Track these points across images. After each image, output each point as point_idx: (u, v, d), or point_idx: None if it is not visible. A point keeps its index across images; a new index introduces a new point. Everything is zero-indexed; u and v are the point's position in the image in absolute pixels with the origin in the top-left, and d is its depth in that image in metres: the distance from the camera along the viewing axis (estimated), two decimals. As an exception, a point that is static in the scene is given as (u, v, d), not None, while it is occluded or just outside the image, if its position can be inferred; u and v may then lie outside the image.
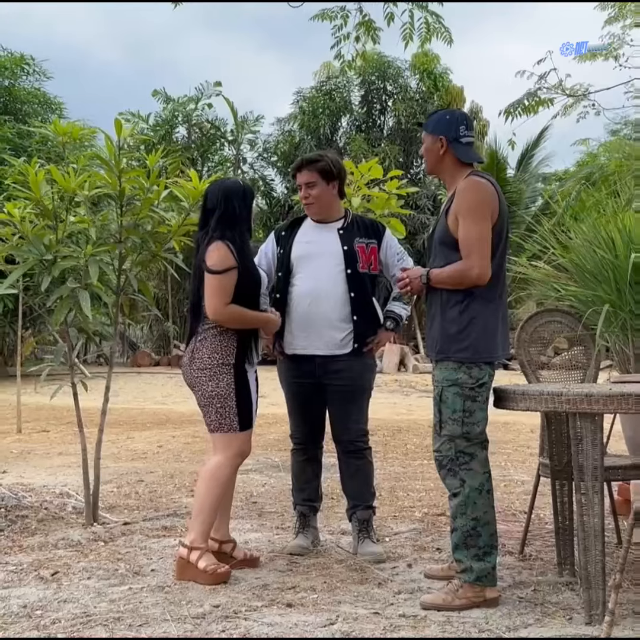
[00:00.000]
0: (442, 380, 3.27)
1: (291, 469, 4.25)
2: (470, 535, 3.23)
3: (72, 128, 4.58)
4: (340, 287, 3.98)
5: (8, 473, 6.39)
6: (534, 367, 4.05)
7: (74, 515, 4.83)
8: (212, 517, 3.65)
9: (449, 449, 3.26)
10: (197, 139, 27.29)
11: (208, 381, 3.64)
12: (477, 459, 3.26)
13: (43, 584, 3.52)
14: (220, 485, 3.63)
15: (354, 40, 5.42)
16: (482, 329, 3.24)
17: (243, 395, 3.65)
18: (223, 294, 3.60)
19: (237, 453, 3.66)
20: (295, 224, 4.20)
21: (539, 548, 4.08)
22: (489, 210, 3.20)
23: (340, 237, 4.05)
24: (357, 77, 26.75)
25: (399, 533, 4.43)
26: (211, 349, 3.65)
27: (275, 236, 4.21)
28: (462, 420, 3.22)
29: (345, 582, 3.53)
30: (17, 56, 21.01)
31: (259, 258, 4.16)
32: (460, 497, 3.25)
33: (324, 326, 3.97)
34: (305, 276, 4.00)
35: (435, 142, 3.37)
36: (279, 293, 4.04)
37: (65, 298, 4.39)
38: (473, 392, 3.22)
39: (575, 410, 3.04)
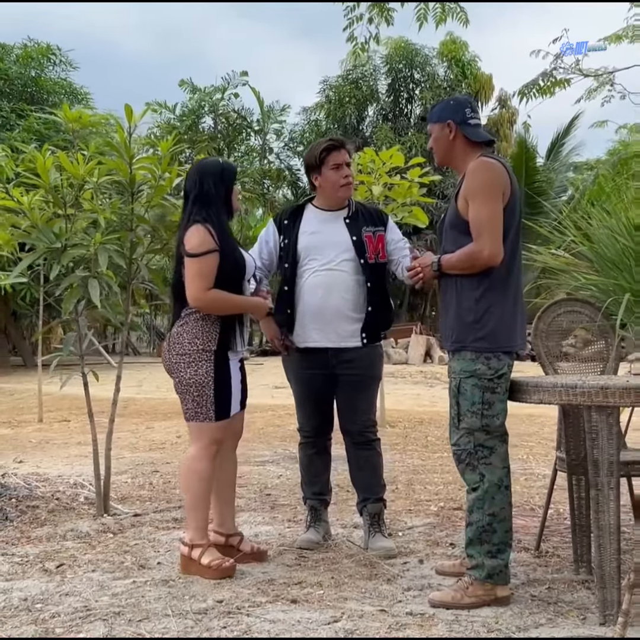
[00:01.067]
0: (459, 371, 3.16)
1: (300, 462, 4.16)
2: (485, 530, 3.13)
3: (81, 114, 4.49)
4: (352, 278, 3.88)
5: (25, 463, 6.39)
6: (551, 358, 3.93)
7: (86, 506, 4.78)
8: (205, 512, 3.55)
9: (468, 442, 3.15)
10: (223, 129, 27.23)
11: (187, 368, 3.49)
12: (497, 452, 3.15)
13: (47, 577, 3.47)
14: (200, 478, 3.50)
15: (367, 22, 5.29)
16: (500, 317, 3.14)
17: (222, 384, 3.51)
18: (203, 278, 3.44)
19: (210, 442, 3.51)
20: (297, 212, 4.05)
21: (556, 544, 3.96)
22: (499, 190, 3.09)
23: (348, 227, 3.94)
24: (384, 66, 26.56)
25: (413, 527, 4.33)
26: (192, 334, 3.50)
27: (276, 224, 4.05)
28: (481, 412, 3.12)
29: (354, 577, 3.45)
30: (44, 46, 21.07)
31: (259, 247, 4.04)
32: (478, 492, 3.14)
33: (336, 318, 3.86)
34: (315, 268, 3.88)
35: (443, 128, 3.27)
36: (287, 285, 3.92)
37: (74, 287, 4.33)
38: (492, 383, 3.12)
39: (590, 403, 2.92)
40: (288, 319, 3.93)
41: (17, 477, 5.59)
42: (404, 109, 27.09)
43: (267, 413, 9.85)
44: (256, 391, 14.30)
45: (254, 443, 7.47)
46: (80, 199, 4.49)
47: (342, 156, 3.91)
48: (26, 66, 20.69)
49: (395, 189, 8.13)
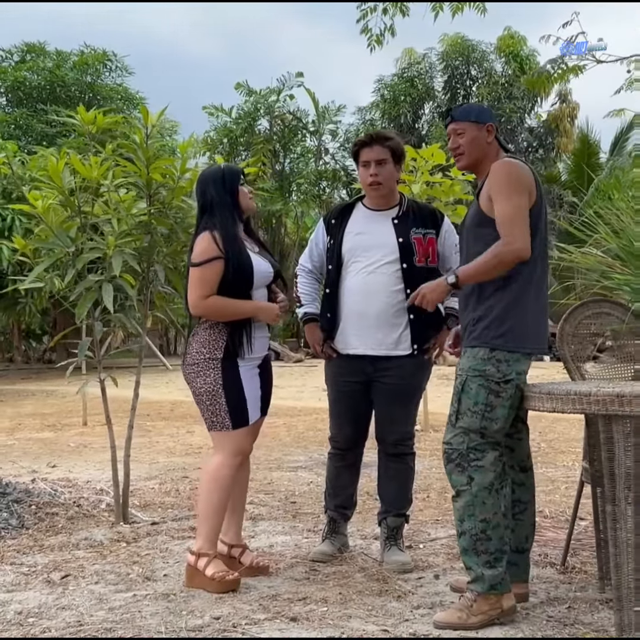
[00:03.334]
0: (467, 369, 3.02)
1: (327, 472, 3.98)
2: (479, 539, 2.96)
3: (97, 116, 4.42)
4: (394, 283, 3.66)
5: (58, 467, 6.39)
6: (578, 362, 3.71)
7: (106, 513, 4.72)
8: (218, 522, 3.44)
9: (462, 442, 3.01)
10: (278, 130, 27.24)
11: (196, 377, 3.43)
12: (488, 457, 3.00)
13: (49, 588, 3.40)
14: (221, 487, 3.41)
15: (381, 13, 5.09)
16: (521, 317, 3.02)
17: (233, 391, 3.40)
18: (202, 286, 3.37)
19: (233, 452, 3.43)
20: (345, 211, 3.86)
21: (585, 559, 3.74)
22: (523, 186, 3.00)
23: (395, 228, 3.71)
24: (440, 63, 26.24)
25: (436, 539, 4.14)
26: (200, 343, 3.44)
27: (324, 224, 3.88)
28: (482, 414, 2.98)
29: (363, 593, 3.29)
30: (100, 52, 21.38)
31: (310, 250, 3.91)
32: (467, 497, 2.99)
33: (376, 324, 3.67)
34: (356, 271, 3.70)
35: (481, 130, 3.15)
36: (330, 288, 3.77)
37: (88, 291, 4.26)
38: (498, 387, 2.98)
39: (605, 412, 2.71)
40: (329, 323, 3.79)
41: (46, 482, 5.57)
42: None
43: (310, 416, 9.73)
44: (305, 394, 14.36)
45: (291, 447, 7.35)
46: (96, 202, 4.43)
47: (373, 153, 3.69)
48: (83, 72, 21.01)
49: (436, 187, 7.93)
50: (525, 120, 26.58)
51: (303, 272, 3.94)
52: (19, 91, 21.15)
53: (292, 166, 27.55)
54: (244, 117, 26.62)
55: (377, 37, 5.26)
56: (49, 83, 20.92)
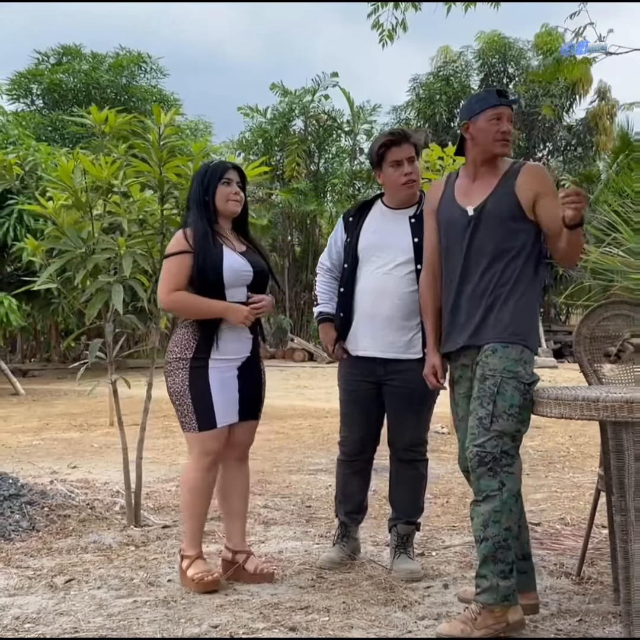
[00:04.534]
0: (502, 370, 2.91)
1: (336, 478, 3.90)
2: (501, 547, 2.85)
3: (108, 116, 4.38)
4: (407, 285, 3.56)
5: (78, 468, 6.37)
6: (595, 365, 3.58)
7: (119, 515, 4.69)
8: (196, 524, 3.43)
9: (496, 445, 2.88)
10: (313, 130, 27.15)
11: (167, 377, 3.41)
12: (516, 463, 2.92)
13: (51, 593, 3.36)
14: (191, 489, 3.40)
15: (392, 7, 4.98)
16: (536, 316, 3.10)
17: (200, 393, 3.35)
18: (169, 279, 3.36)
19: (200, 452, 3.38)
20: (364, 208, 3.77)
21: (602, 570, 3.61)
22: None
23: (412, 227, 3.60)
24: (476, 61, 25.97)
25: (450, 547, 4.04)
26: (174, 342, 3.42)
27: (343, 222, 3.80)
28: (517, 416, 2.89)
29: (367, 602, 3.20)
30: (135, 54, 21.49)
31: (329, 248, 3.83)
32: (496, 502, 2.85)
33: (387, 326, 3.57)
34: (370, 270, 3.61)
35: None
36: (344, 287, 3.68)
37: (98, 292, 4.23)
38: (527, 388, 2.92)
39: (614, 419, 2.60)
40: (341, 323, 3.70)
41: (64, 483, 5.57)
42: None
43: (336, 418, 9.60)
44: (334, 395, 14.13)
45: (314, 450, 7.28)
46: (108, 202, 4.39)
47: (403, 152, 3.59)
48: (118, 74, 21.12)
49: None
50: (564, 118, 26.22)
51: (322, 270, 3.87)
52: (55, 93, 21.33)
53: (327, 166, 27.40)
54: (279, 117, 26.57)
55: (389, 32, 5.15)
56: (85, 85, 21.06)
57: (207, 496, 3.46)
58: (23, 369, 21.37)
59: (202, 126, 22.33)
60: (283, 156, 26.72)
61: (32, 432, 8.93)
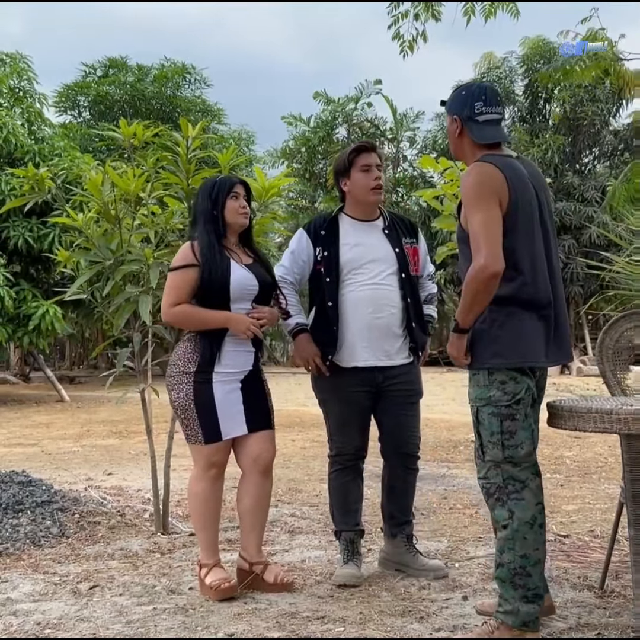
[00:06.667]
0: (475, 399, 2.86)
1: (333, 492, 3.84)
2: (518, 574, 2.77)
3: (136, 129, 4.46)
4: (398, 293, 3.67)
5: (113, 475, 6.47)
6: (619, 376, 3.54)
7: (148, 522, 4.75)
8: (207, 534, 3.49)
9: (496, 475, 2.82)
10: (356, 138, 27.20)
11: (171, 390, 3.45)
12: (529, 487, 2.82)
13: (74, 599, 3.42)
14: (197, 500, 3.46)
15: (413, 18, 5.00)
16: (517, 329, 2.78)
17: (204, 407, 3.38)
18: (173, 292, 3.40)
19: (206, 464, 3.44)
20: (332, 222, 3.77)
21: (626, 583, 3.54)
22: (489, 195, 2.72)
23: (388, 238, 3.73)
24: (520, 67, 25.76)
25: (474, 558, 4.00)
26: (177, 356, 3.46)
27: (310, 236, 3.74)
28: (501, 443, 2.79)
29: (384, 613, 3.19)
30: (179, 66, 21.79)
31: (291, 262, 3.74)
32: (508, 530, 2.80)
33: (384, 335, 3.65)
34: (360, 282, 3.65)
35: (452, 122, 2.96)
36: (331, 301, 3.67)
37: (125, 303, 4.30)
38: (510, 409, 2.78)
39: (627, 432, 2.57)
40: (333, 336, 3.67)
41: (98, 489, 5.66)
42: (542, 109, 26.21)
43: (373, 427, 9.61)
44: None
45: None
46: (137, 214, 4.47)
47: (373, 158, 3.71)
48: (162, 86, 21.44)
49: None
50: (610, 123, 25.88)
51: (285, 283, 3.75)
52: (101, 105, 21.74)
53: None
54: (322, 125, 26.75)
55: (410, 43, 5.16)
56: (130, 97, 21.46)
57: (217, 505, 3.51)
58: (70, 376, 21.75)
59: (245, 135, 22.53)
60: (326, 164, 26.84)
61: (73, 438, 9.09)
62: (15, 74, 15.09)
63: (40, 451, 8.06)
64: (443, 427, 9.37)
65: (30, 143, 13.99)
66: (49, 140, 14.62)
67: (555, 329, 2.87)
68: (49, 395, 15.45)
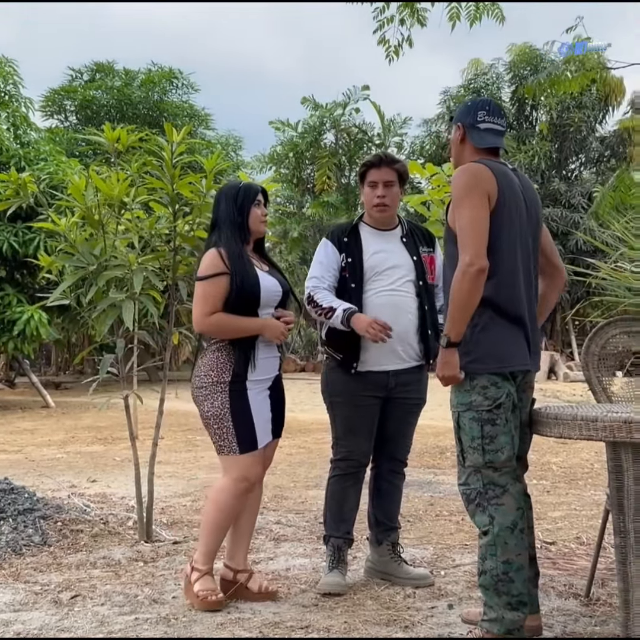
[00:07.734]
0: (456, 405, 2.87)
1: (331, 497, 3.80)
2: (500, 580, 2.77)
3: (120, 134, 4.42)
4: (414, 300, 3.69)
5: (97, 482, 6.41)
6: (604, 383, 3.53)
7: (132, 530, 4.70)
8: (215, 541, 3.41)
9: (477, 480, 2.83)
10: (344, 144, 27.23)
11: (204, 401, 3.38)
12: (510, 492, 2.82)
13: (55, 609, 3.37)
14: (221, 509, 3.37)
15: (398, 23, 4.99)
16: (498, 335, 2.81)
17: (241, 416, 3.34)
18: (205, 302, 3.32)
19: (238, 477, 3.36)
20: (353, 229, 3.81)
21: (612, 591, 3.53)
22: (478, 193, 2.75)
23: (406, 247, 3.76)
24: (507, 73, 25.87)
25: (460, 565, 3.98)
26: (208, 366, 3.39)
27: (335, 243, 3.77)
28: (482, 447, 2.80)
29: (369, 623, 3.17)
30: (166, 71, 21.73)
31: (322, 271, 3.73)
32: (489, 536, 2.80)
33: (401, 341, 3.65)
34: (379, 289, 3.67)
35: (456, 130, 3.04)
36: (356, 306, 3.65)
37: (108, 309, 4.26)
38: (491, 414, 2.79)
39: (612, 439, 2.55)
40: (356, 341, 3.63)
41: (82, 497, 5.61)
42: (529, 116, 26.32)
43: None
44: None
45: (334, 465, 7.24)
46: (120, 219, 4.43)
47: (380, 175, 3.70)
48: (149, 90, 21.37)
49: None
50: (597, 129, 26.01)
51: (318, 289, 3.71)
52: (88, 110, 21.63)
53: (357, 179, 27.50)
54: (310, 131, 26.69)
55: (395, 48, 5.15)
56: (117, 102, 21.34)
57: (234, 517, 3.45)
58: (56, 382, 21.61)
59: (232, 140, 22.48)
60: (314, 169, 26.82)
61: (57, 445, 9.02)
62: (1, 77, 14.99)
63: (24, 458, 7.98)
64: (430, 433, 9.36)
65: (15, 147, 13.90)
66: (34, 145, 14.53)
67: (532, 335, 2.91)
68: (34, 401, 15.34)
